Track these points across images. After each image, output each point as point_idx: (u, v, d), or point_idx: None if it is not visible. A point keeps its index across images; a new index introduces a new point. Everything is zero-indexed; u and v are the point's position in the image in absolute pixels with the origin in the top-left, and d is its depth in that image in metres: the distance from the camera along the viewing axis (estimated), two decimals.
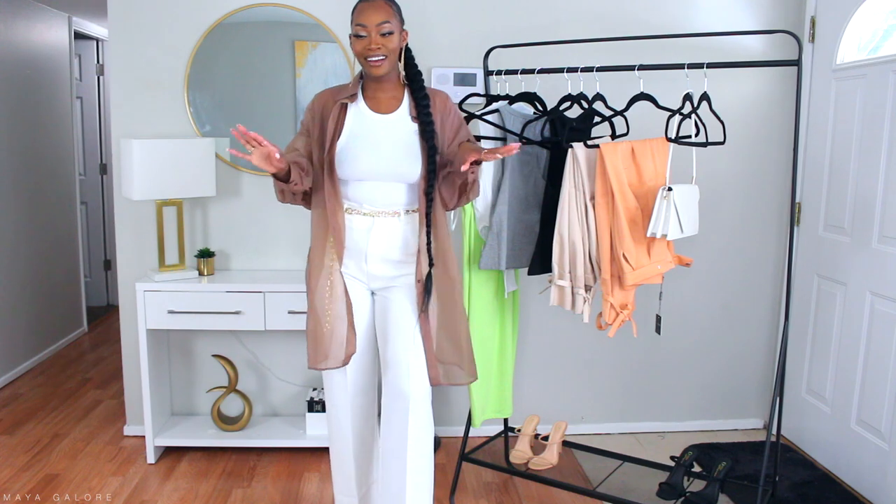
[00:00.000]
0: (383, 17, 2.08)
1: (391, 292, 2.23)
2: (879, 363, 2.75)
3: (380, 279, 2.24)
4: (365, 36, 2.08)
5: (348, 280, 2.23)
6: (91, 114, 5.44)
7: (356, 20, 2.10)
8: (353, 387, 2.29)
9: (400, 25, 2.14)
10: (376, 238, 2.19)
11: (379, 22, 2.07)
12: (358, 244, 2.20)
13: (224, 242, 3.23)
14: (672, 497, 2.63)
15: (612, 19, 3.14)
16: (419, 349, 2.18)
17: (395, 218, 2.19)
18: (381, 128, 2.18)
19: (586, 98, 2.49)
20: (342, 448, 2.35)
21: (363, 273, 2.23)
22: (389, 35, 2.09)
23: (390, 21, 2.08)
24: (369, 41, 2.08)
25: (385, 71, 2.12)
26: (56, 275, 4.60)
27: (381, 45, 2.08)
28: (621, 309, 2.41)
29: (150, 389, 3.00)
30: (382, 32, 2.08)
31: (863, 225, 2.85)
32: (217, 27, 3.07)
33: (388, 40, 2.09)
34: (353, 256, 2.22)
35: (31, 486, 2.83)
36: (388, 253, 2.21)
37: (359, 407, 2.32)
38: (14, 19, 4.12)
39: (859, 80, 2.87)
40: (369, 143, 2.16)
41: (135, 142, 2.85)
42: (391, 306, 2.22)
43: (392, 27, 2.09)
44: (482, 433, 3.21)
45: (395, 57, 2.13)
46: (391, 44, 2.10)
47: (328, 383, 2.32)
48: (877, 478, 2.75)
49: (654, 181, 2.39)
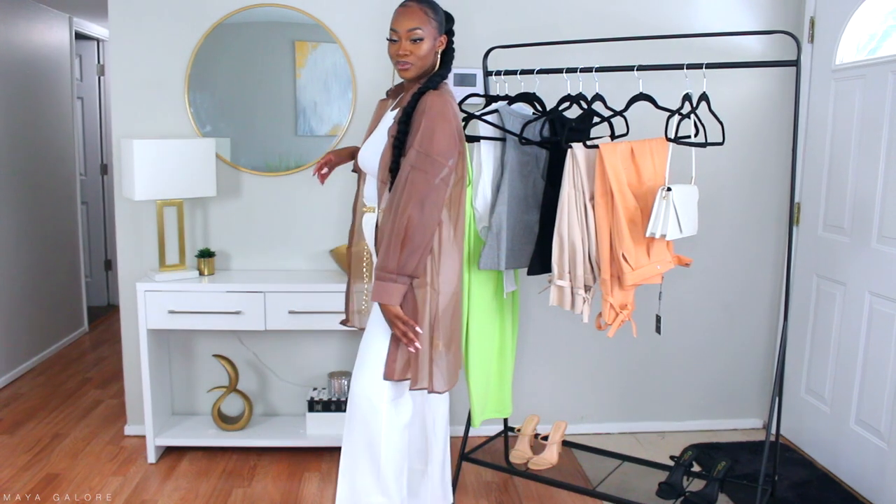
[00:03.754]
0: (415, 23, 2.10)
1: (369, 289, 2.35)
2: (878, 363, 2.76)
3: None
4: (396, 41, 2.13)
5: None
6: (92, 114, 5.45)
7: (391, 24, 2.15)
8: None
9: (435, 31, 2.15)
10: (367, 235, 2.29)
11: (410, 28, 2.10)
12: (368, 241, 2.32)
13: (224, 242, 3.23)
14: (672, 497, 2.63)
15: (612, 19, 3.15)
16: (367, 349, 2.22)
17: (371, 214, 2.27)
18: (384, 123, 2.26)
19: (585, 98, 2.49)
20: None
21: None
22: (419, 41, 2.11)
23: (422, 28, 2.11)
24: (399, 46, 2.12)
25: (413, 76, 2.16)
26: (57, 275, 4.61)
27: (410, 52, 2.11)
28: (621, 309, 2.41)
29: (150, 389, 3.00)
30: (413, 38, 2.11)
31: (862, 225, 2.85)
32: (217, 27, 3.07)
33: (417, 47, 2.11)
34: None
35: (32, 485, 2.84)
36: (373, 248, 2.28)
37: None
38: (15, 20, 4.13)
39: (858, 80, 2.87)
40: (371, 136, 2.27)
41: (135, 142, 2.86)
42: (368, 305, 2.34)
43: (423, 34, 2.11)
44: (482, 433, 3.22)
45: (425, 63, 2.15)
46: (420, 50, 2.12)
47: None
48: (876, 477, 2.76)
49: (653, 181, 2.39)
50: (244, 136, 3.16)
